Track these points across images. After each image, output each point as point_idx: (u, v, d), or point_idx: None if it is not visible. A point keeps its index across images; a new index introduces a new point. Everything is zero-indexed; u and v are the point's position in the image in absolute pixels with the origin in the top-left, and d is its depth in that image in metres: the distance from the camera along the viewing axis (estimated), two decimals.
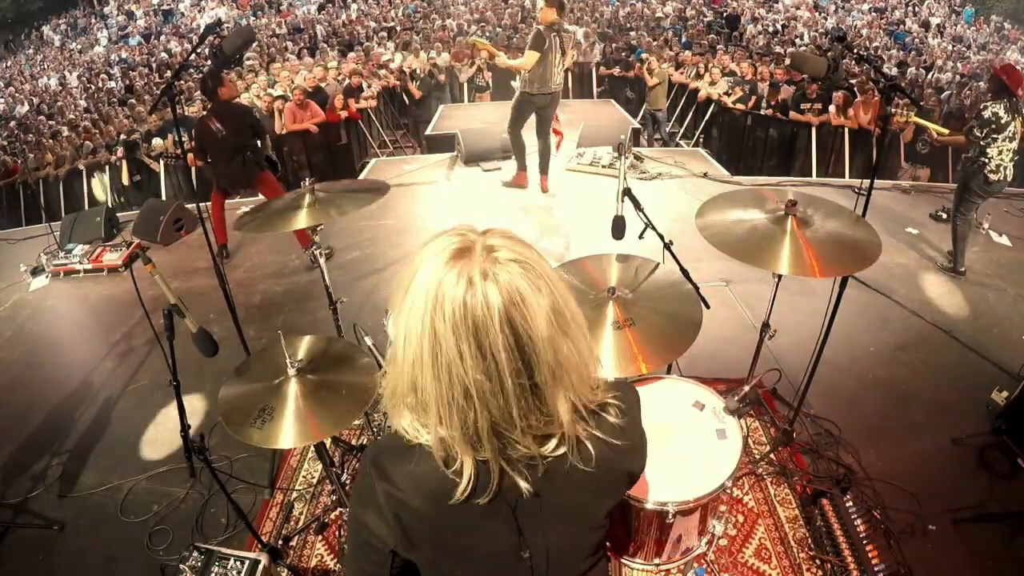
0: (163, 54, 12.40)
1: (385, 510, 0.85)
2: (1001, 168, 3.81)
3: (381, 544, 0.90)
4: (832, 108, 6.98)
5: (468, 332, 0.73)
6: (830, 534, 2.21)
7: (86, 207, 6.90)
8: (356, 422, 2.80)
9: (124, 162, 7.01)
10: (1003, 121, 3.71)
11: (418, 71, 8.83)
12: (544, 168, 5.35)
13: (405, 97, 9.08)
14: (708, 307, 1.99)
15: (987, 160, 3.80)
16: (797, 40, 10.73)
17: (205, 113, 4.38)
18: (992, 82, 3.88)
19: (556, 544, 0.94)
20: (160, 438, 2.87)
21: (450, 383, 0.75)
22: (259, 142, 4.40)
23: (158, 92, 9.22)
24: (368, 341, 2.05)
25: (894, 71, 8.61)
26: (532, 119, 5.04)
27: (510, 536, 0.89)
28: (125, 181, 6.99)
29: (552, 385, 0.78)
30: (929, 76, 8.60)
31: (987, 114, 3.74)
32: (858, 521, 2.21)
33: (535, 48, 4.47)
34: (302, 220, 2.18)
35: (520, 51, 4.86)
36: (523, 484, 0.83)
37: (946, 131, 4.18)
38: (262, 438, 1.67)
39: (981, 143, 3.79)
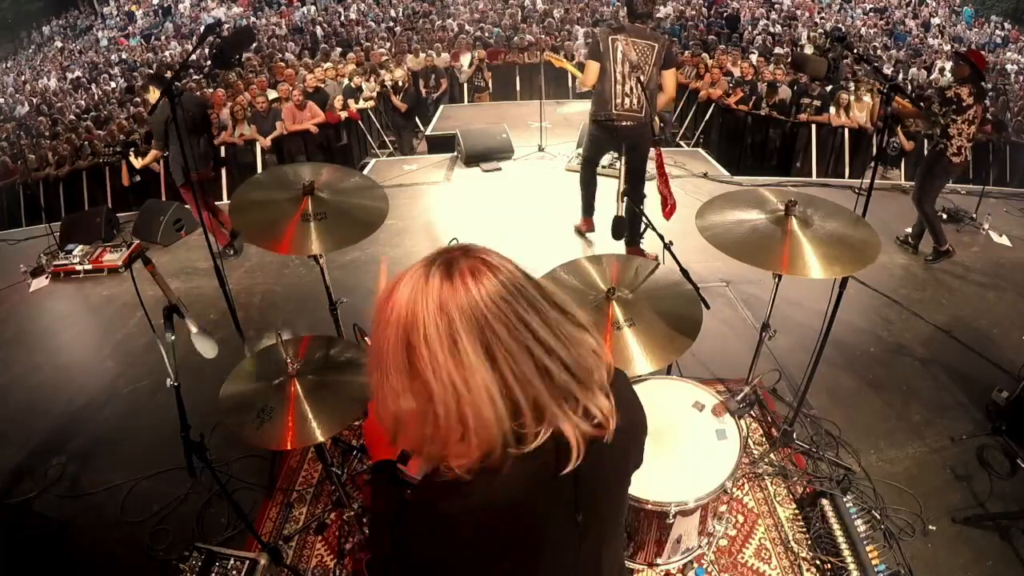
0: (162, 53, 12.40)
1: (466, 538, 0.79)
2: (963, 151, 3.94)
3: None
4: (832, 109, 6.98)
5: (511, 310, 0.72)
6: (830, 534, 2.21)
7: (86, 207, 6.90)
8: (356, 422, 2.80)
9: (123, 163, 7.01)
10: (964, 104, 3.83)
11: (400, 84, 8.66)
12: (632, 240, 3.60)
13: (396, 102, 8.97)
14: (708, 307, 1.99)
15: (948, 143, 3.93)
16: (799, 40, 10.74)
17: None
18: (962, 66, 4.00)
19: (602, 507, 0.94)
20: (160, 438, 2.86)
21: (517, 359, 0.72)
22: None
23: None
24: (368, 341, 2.05)
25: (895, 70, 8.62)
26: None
27: (568, 499, 0.86)
28: (125, 182, 7.00)
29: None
30: (929, 76, 8.61)
31: (949, 94, 3.89)
32: (858, 521, 2.21)
33: (591, 56, 3.68)
34: (305, 244, 2.06)
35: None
36: (584, 435, 0.79)
37: (910, 105, 4.35)
38: (262, 439, 1.66)
39: (940, 120, 3.91)
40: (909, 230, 4.52)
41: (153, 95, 4.37)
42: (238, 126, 7.02)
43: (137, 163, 4.72)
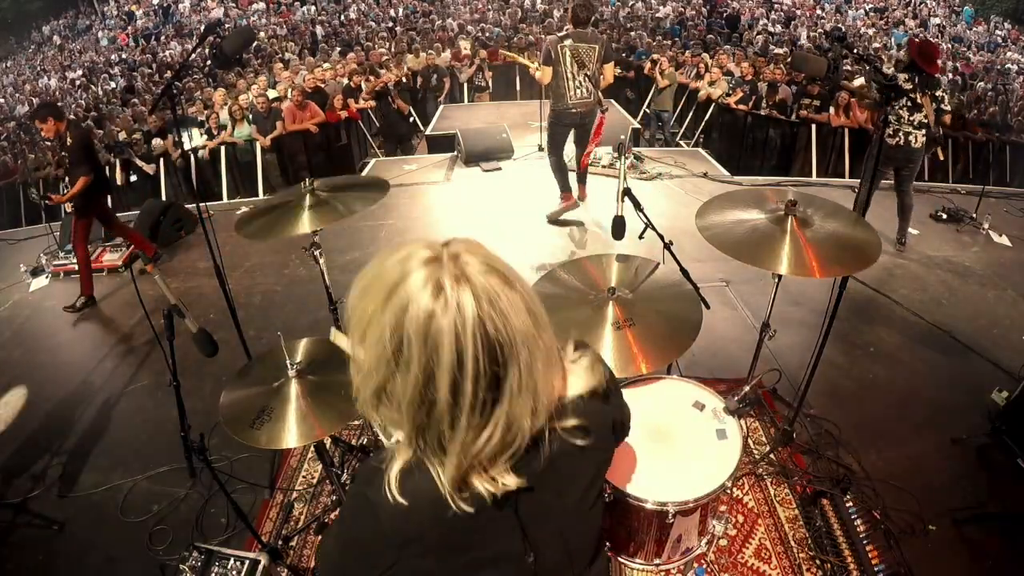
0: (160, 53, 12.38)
1: (384, 530, 0.83)
2: (898, 133, 4.02)
3: (375, 560, 0.87)
4: (832, 109, 6.97)
5: (435, 344, 0.70)
6: (830, 534, 2.21)
7: None
8: (356, 422, 2.80)
9: (118, 162, 7.01)
10: (898, 87, 3.90)
11: (403, 82, 8.63)
12: (580, 179, 5.14)
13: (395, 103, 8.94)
14: (708, 307, 1.99)
15: (887, 126, 4.00)
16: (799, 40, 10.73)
17: (84, 125, 4.26)
18: (906, 56, 4.08)
19: (560, 535, 0.94)
20: (160, 438, 2.86)
21: (417, 394, 0.73)
22: None
23: (158, 92, 9.22)
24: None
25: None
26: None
27: (514, 539, 0.88)
28: (119, 181, 7.00)
29: (518, 391, 0.75)
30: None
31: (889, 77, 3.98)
32: (858, 521, 2.21)
33: (544, 62, 4.38)
34: (305, 224, 2.16)
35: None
36: (514, 482, 0.81)
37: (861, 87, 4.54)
38: (262, 438, 1.66)
39: (879, 102, 4.09)
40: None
41: (51, 126, 3.84)
42: (238, 126, 7.03)
43: (59, 198, 4.24)
